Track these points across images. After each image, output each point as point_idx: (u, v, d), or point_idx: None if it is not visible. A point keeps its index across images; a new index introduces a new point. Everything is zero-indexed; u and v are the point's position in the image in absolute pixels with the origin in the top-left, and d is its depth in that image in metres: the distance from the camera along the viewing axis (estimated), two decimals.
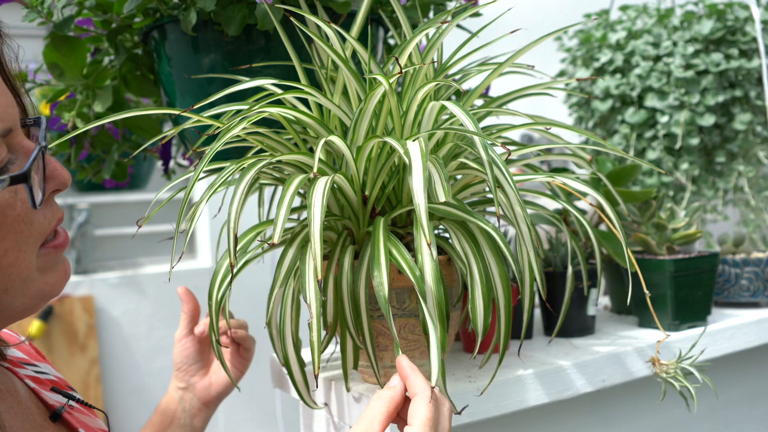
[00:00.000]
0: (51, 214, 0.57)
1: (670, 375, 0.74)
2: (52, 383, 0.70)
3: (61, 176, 0.56)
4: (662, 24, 1.35)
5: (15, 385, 0.65)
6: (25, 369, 0.69)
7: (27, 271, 0.54)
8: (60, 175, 0.56)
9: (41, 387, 0.68)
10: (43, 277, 0.57)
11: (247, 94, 0.79)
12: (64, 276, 0.59)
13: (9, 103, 0.54)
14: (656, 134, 1.32)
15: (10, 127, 0.53)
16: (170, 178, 1.05)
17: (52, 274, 0.58)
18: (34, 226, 0.54)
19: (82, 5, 0.83)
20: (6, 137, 0.53)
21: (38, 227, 0.55)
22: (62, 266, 0.59)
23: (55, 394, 0.68)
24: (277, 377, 0.94)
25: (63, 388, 0.70)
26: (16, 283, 0.54)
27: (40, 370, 0.71)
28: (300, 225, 0.75)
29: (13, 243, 0.53)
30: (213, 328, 0.73)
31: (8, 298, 0.54)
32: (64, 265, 0.59)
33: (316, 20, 0.71)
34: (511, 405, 0.77)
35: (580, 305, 0.93)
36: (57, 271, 0.58)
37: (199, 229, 2.40)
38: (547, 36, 0.76)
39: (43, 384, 0.68)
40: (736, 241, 1.11)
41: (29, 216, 0.54)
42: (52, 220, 0.57)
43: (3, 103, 0.53)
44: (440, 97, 0.77)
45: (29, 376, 0.68)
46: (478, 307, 0.65)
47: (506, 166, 0.63)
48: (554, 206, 0.96)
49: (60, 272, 0.59)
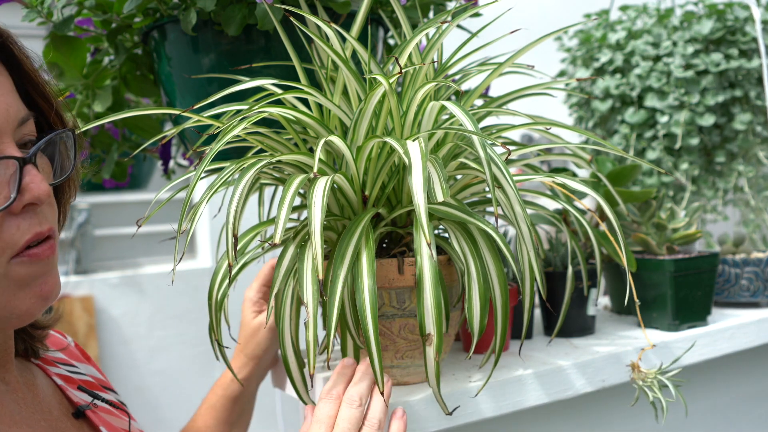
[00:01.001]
0: (27, 227, 0.55)
1: (646, 384, 0.75)
2: (83, 383, 0.71)
3: (34, 190, 0.54)
4: (662, 24, 1.35)
5: (36, 380, 0.66)
6: (57, 368, 0.70)
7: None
8: (33, 189, 0.54)
9: (69, 385, 0.69)
10: (14, 288, 0.55)
11: (247, 94, 0.79)
12: (38, 295, 0.57)
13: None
14: (656, 134, 1.32)
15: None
16: (170, 178, 1.05)
17: (23, 288, 0.56)
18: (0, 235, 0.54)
19: (82, 5, 0.83)
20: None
21: (7, 237, 0.54)
22: (40, 284, 0.57)
23: (82, 393, 0.69)
24: (277, 377, 0.94)
25: (95, 388, 0.72)
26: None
27: (76, 370, 0.73)
28: (300, 225, 0.75)
29: None
30: (213, 328, 0.73)
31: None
32: (42, 285, 0.57)
33: (316, 20, 0.71)
34: (511, 405, 0.77)
35: (580, 305, 0.93)
36: (30, 287, 0.56)
37: (200, 229, 2.41)
38: (547, 36, 0.76)
39: (71, 382, 0.70)
40: (736, 241, 1.11)
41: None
42: (25, 233, 0.55)
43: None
44: (440, 97, 0.77)
45: (59, 375, 0.69)
46: (474, 308, 0.65)
47: (505, 165, 0.63)
48: (554, 206, 0.96)
49: (34, 290, 0.56)
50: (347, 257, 0.63)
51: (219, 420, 0.90)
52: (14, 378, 0.63)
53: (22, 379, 0.65)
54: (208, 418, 0.91)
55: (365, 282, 0.62)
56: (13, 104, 0.56)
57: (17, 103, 0.57)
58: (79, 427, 0.66)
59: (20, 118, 0.57)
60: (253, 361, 0.89)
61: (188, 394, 2.21)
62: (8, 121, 0.55)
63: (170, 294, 2.23)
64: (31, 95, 0.61)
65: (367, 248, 0.64)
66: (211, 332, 0.73)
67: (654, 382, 0.74)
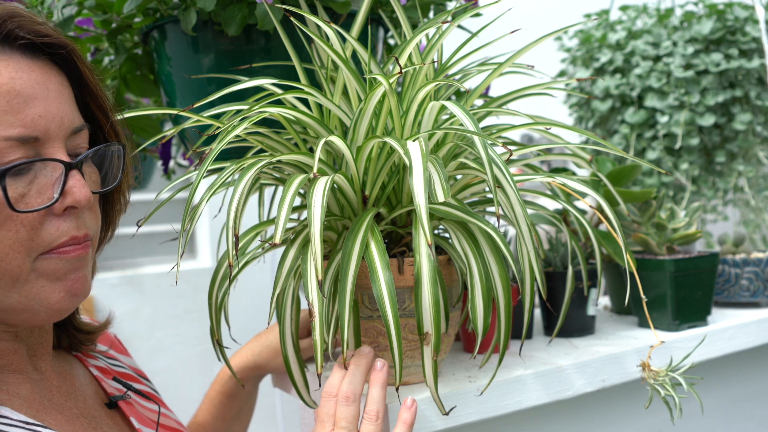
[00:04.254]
0: (66, 229, 0.58)
1: (658, 382, 0.74)
2: (118, 374, 0.75)
3: (75, 194, 0.57)
4: (662, 24, 1.35)
5: (73, 370, 0.70)
6: (96, 360, 0.74)
7: (18, 271, 0.56)
8: (75, 193, 0.57)
9: (104, 376, 0.72)
10: (42, 281, 0.58)
11: (247, 94, 0.79)
12: (67, 290, 0.59)
13: (45, 115, 0.56)
14: (656, 134, 1.32)
15: (35, 137, 0.56)
16: (170, 178, 1.05)
17: (53, 282, 0.58)
18: (37, 233, 0.57)
19: (82, 5, 0.83)
20: (32, 144, 0.56)
21: (45, 236, 0.57)
22: (71, 281, 0.60)
23: (117, 384, 0.72)
24: (277, 377, 0.94)
25: (131, 380, 0.76)
26: (5, 278, 0.56)
27: (117, 363, 0.77)
28: (301, 225, 0.75)
29: (3, 238, 0.55)
30: (213, 329, 0.73)
31: (1, 292, 0.57)
32: (73, 281, 0.60)
33: (316, 20, 0.71)
34: (511, 405, 0.77)
35: (580, 305, 0.93)
36: (61, 281, 0.59)
37: (200, 229, 2.41)
38: (547, 36, 0.76)
39: (107, 373, 0.73)
40: (736, 241, 1.11)
41: (32, 220, 0.56)
42: (63, 234, 0.58)
43: (36, 112, 0.56)
44: (440, 97, 0.77)
45: (97, 366, 0.73)
46: (477, 307, 0.65)
47: (506, 165, 0.63)
48: (554, 206, 0.96)
49: (64, 284, 0.59)
50: (354, 254, 0.63)
51: (216, 416, 0.91)
52: (49, 367, 0.66)
53: (58, 368, 0.68)
54: (207, 414, 0.92)
55: (380, 275, 0.61)
56: (68, 113, 0.59)
57: (73, 113, 0.60)
58: (111, 417, 0.69)
59: (74, 128, 0.60)
60: (259, 368, 0.90)
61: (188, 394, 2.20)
62: (61, 127, 0.58)
63: (170, 294, 2.23)
64: (90, 107, 0.64)
65: (375, 241, 0.63)
66: (211, 332, 0.73)
67: (666, 380, 0.74)
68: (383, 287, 0.61)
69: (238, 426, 0.94)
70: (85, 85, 0.63)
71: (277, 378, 0.95)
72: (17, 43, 0.57)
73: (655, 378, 0.75)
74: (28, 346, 0.64)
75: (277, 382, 0.95)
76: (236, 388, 0.91)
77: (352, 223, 0.66)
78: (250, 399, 0.94)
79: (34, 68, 0.57)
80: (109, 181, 0.64)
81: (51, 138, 0.57)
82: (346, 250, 0.63)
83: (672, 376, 0.74)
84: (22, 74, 0.56)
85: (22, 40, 0.57)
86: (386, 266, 0.62)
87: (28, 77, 0.56)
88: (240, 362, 0.90)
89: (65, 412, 0.63)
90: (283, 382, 0.93)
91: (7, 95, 0.54)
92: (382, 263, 0.62)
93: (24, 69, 0.56)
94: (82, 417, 0.65)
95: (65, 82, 0.61)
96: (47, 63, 0.59)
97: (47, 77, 0.58)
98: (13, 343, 0.62)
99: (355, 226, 0.65)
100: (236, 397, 0.92)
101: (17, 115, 0.55)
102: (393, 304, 0.61)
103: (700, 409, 1.04)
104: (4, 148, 0.54)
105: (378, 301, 0.61)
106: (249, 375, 0.90)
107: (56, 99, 0.58)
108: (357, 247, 0.63)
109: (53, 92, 0.58)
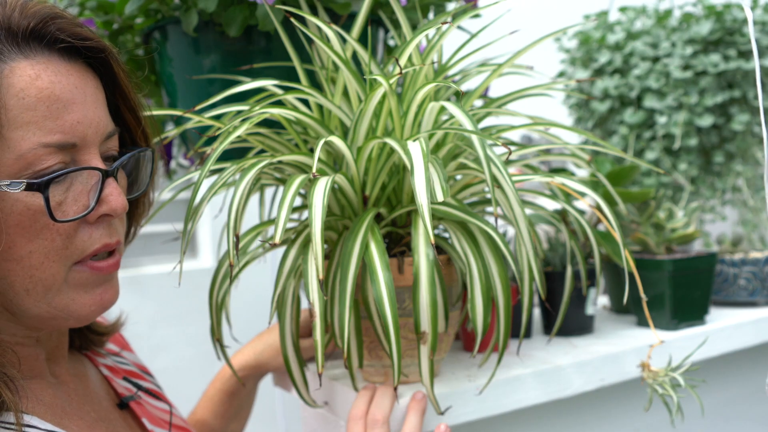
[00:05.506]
0: (98, 237, 0.58)
1: (657, 382, 0.75)
2: (127, 373, 0.74)
3: (112, 202, 0.57)
4: (661, 25, 1.35)
5: (87, 371, 0.69)
6: (104, 358, 0.73)
7: (51, 280, 0.55)
8: (111, 201, 0.57)
9: (114, 375, 0.72)
10: (72, 293, 0.57)
11: (248, 94, 0.80)
12: (98, 303, 0.59)
13: (83, 120, 0.56)
14: (655, 135, 1.32)
15: (73, 143, 0.55)
16: (171, 179, 1.05)
17: (84, 294, 0.58)
18: (71, 240, 0.56)
19: (83, 6, 0.84)
20: (69, 150, 0.55)
21: (79, 243, 0.56)
22: (100, 293, 0.59)
23: (127, 383, 0.72)
24: (278, 376, 0.95)
25: (136, 377, 0.75)
26: (38, 287, 0.55)
27: (121, 360, 0.76)
28: (301, 225, 0.75)
29: (39, 247, 0.54)
30: (213, 328, 0.74)
31: (30, 300, 0.56)
32: (103, 293, 0.59)
33: (316, 21, 0.71)
34: (510, 404, 0.77)
35: (579, 305, 0.93)
36: (91, 295, 0.59)
37: (201, 229, 2.41)
38: (546, 37, 0.77)
39: (116, 373, 0.72)
40: (734, 241, 1.12)
41: (67, 228, 0.55)
42: (95, 242, 0.57)
43: (74, 118, 0.55)
44: (440, 98, 0.77)
45: (106, 365, 0.72)
46: (477, 307, 0.66)
47: (504, 165, 0.63)
48: (553, 206, 0.97)
49: (94, 297, 0.59)
50: (354, 254, 0.63)
51: (215, 414, 0.91)
52: (65, 371, 0.65)
53: (74, 371, 0.67)
54: (206, 411, 0.92)
55: (380, 275, 0.62)
56: (103, 118, 0.58)
57: (107, 117, 0.59)
58: (123, 418, 0.68)
59: (108, 132, 0.59)
60: (261, 366, 0.91)
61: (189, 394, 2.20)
62: (98, 133, 0.57)
63: (171, 294, 2.23)
64: (121, 110, 0.64)
65: (375, 241, 0.64)
66: (212, 331, 0.74)
67: (666, 381, 0.74)
68: (383, 287, 0.61)
69: (236, 424, 0.94)
70: (120, 89, 0.62)
71: (278, 377, 0.95)
72: (57, 46, 0.56)
73: (654, 379, 0.75)
74: (47, 351, 0.63)
75: (278, 381, 0.95)
76: (237, 387, 0.91)
77: (353, 223, 0.67)
78: (249, 398, 0.94)
79: (72, 72, 0.56)
80: (138, 186, 0.64)
81: (87, 144, 0.56)
82: (346, 250, 0.63)
83: (672, 376, 0.74)
84: (61, 78, 0.55)
85: (62, 44, 0.56)
86: (386, 266, 0.62)
87: (67, 81, 0.55)
88: (241, 361, 0.90)
89: (85, 416, 0.62)
90: (283, 381, 0.93)
91: (47, 100, 0.53)
92: (381, 263, 0.62)
93: (63, 73, 0.55)
94: (100, 421, 0.64)
95: (99, 86, 0.60)
96: (83, 66, 0.58)
97: (84, 81, 0.57)
98: (34, 349, 0.61)
99: (356, 226, 0.65)
100: (236, 396, 0.92)
101: (56, 121, 0.54)
102: (392, 305, 0.61)
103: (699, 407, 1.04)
104: (43, 154, 0.53)
105: (377, 302, 0.61)
106: (250, 374, 0.91)
107: (93, 104, 0.57)
108: (357, 247, 0.63)
109: (90, 97, 0.57)
